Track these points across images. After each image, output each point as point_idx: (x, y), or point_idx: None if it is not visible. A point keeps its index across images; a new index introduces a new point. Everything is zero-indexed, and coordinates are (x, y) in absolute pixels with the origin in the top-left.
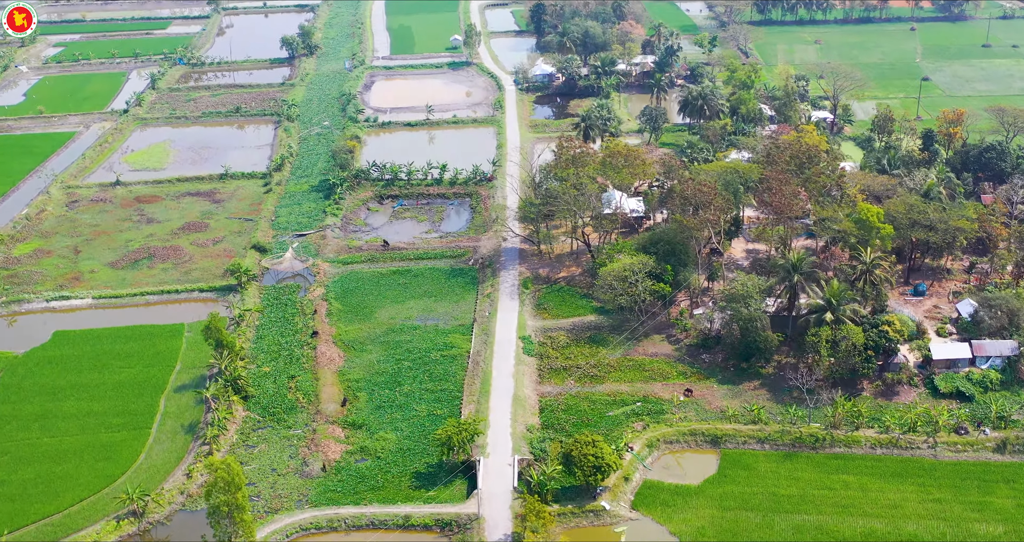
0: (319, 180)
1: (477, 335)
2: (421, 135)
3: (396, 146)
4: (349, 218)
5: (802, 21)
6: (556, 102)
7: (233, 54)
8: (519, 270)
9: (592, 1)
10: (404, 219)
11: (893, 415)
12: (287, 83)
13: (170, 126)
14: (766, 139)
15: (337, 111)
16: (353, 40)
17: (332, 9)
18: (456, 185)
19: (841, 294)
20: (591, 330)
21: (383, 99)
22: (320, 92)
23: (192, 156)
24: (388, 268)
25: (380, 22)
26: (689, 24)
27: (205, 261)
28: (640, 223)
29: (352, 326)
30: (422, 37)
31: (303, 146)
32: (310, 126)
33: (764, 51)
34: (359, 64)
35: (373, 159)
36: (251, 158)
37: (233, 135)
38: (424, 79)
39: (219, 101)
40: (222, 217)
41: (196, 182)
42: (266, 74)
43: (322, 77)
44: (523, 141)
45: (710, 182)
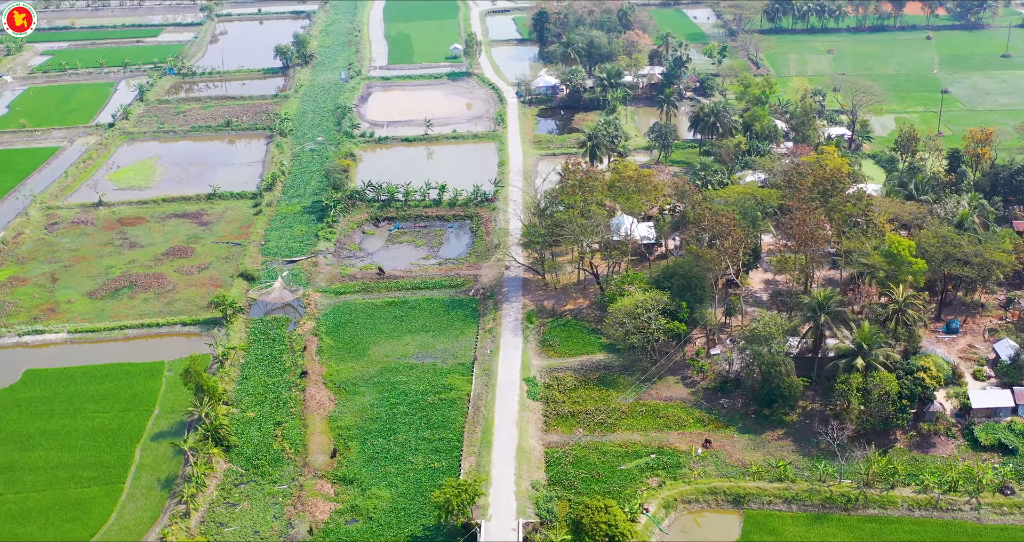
0: (312, 200)
1: (478, 376)
2: (419, 151)
3: (393, 163)
4: (343, 242)
5: (813, 29)
6: (560, 115)
7: (226, 63)
8: (522, 302)
9: (596, 9)
10: (401, 243)
11: (932, 472)
12: (280, 95)
13: (158, 141)
14: (783, 159)
15: (332, 125)
16: (350, 48)
17: (329, 16)
18: (456, 206)
19: (872, 338)
20: (600, 370)
21: (380, 112)
22: (315, 104)
23: (179, 173)
24: (383, 299)
25: (378, 30)
26: (697, 32)
27: (189, 290)
28: (651, 251)
29: (344, 365)
30: (421, 46)
31: (296, 163)
32: (303, 141)
33: (775, 61)
34: (355, 74)
35: (369, 179)
36: (241, 176)
37: (223, 151)
38: (423, 90)
39: (209, 114)
40: (209, 241)
41: (183, 203)
42: (259, 85)
43: (317, 88)
44: (526, 158)
45: (727, 211)
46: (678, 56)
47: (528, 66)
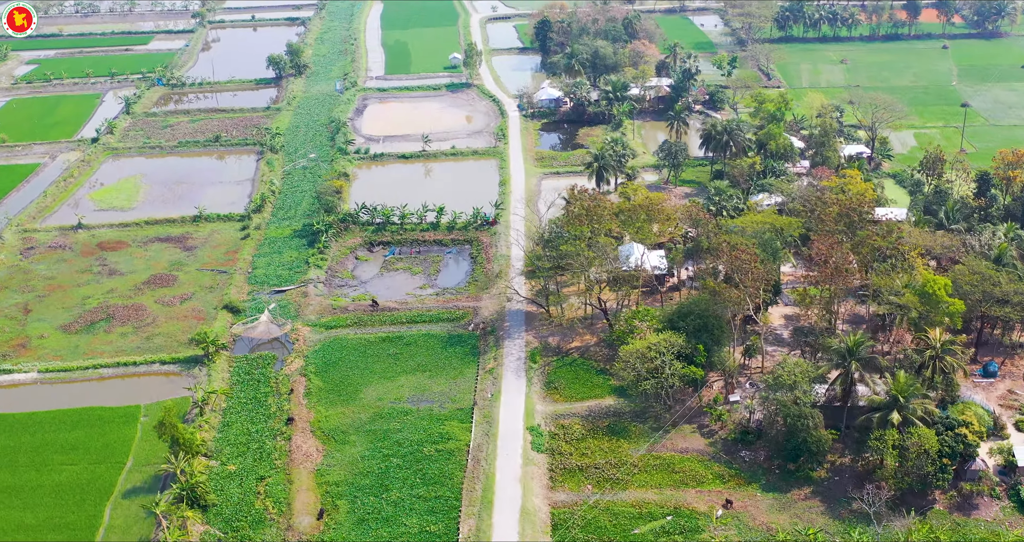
0: (302, 224)
1: (478, 423)
2: (416, 168)
3: (389, 180)
4: (335, 270)
5: (825, 38)
6: (564, 129)
7: (217, 73)
8: (525, 338)
9: (601, 18)
10: (396, 271)
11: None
12: (272, 107)
13: (143, 156)
14: (800, 180)
15: (325, 140)
16: (345, 57)
17: (324, 23)
18: (454, 230)
19: (909, 389)
20: (610, 416)
21: (376, 125)
22: (308, 118)
23: (164, 193)
24: (377, 334)
25: (375, 37)
26: (704, 41)
27: (170, 324)
28: (662, 282)
29: (334, 410)
30: (419, 55)
31: (287, 182)
32: (295, 158)
33: (787, 71)
34: (351, 85)
35: (363, 200)
36: (229, 195)
37: (211, 168)
38: (421, 102)
39: (198, 128)
40: (192, 268)
41: (166, 225)
42: (251, 96)
43: (310, 100)
44: (528, 176)
45: (747, 245)
46: (687, 68)
47: (530, 76)
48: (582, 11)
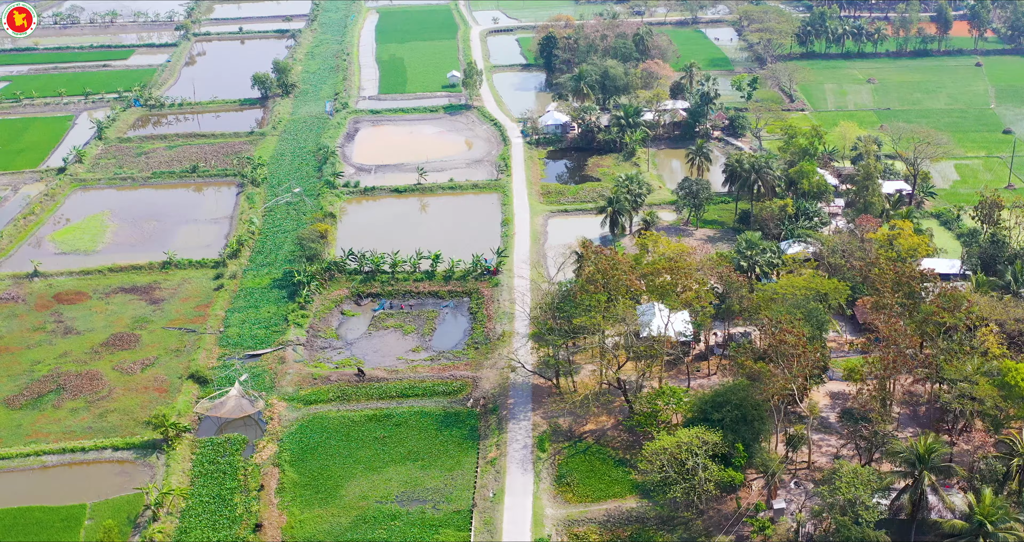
0: (283, 271)
1: (478, 531)
2: (411, 204)
3: (380, 218)
4: (317, 328)
5: (849, 54)
6: (571, 158)
7: (200, 92)
8: (532, 420)
9: (610, 33)
10: (386, 329)
11: None
12: (256, 132)
13: (114, 188)
14: (838, 224)
15: (312, 170)
16: (337, 75)
17: (316, 35)
18: (452, 281)
19: (997, 512)
20: (632, 523)
21: (368, 153)
22: (294, 144)
23: (133, 234)
24: (363, 411)
25: (369, 52)
26: (720, 57)
27: (128, 397)
28: (688, 349)
29: (310, 511)
30: (416, 71)
31: (268, 220)
32: (279, 192)
33: (810, 93)
34: (342, 107)
35: (350, 246)
36: (204, 236)
37: (186, 203)
38: (417, 126)
39: (175, 155)
40: (158, 326)
41: (132, 273)
42: (234, 118)
43: (298, 123)
44: (533, 215)
45: (791, 321)
46: (704, 91)
47: (534, 96)
48: (589, 26)
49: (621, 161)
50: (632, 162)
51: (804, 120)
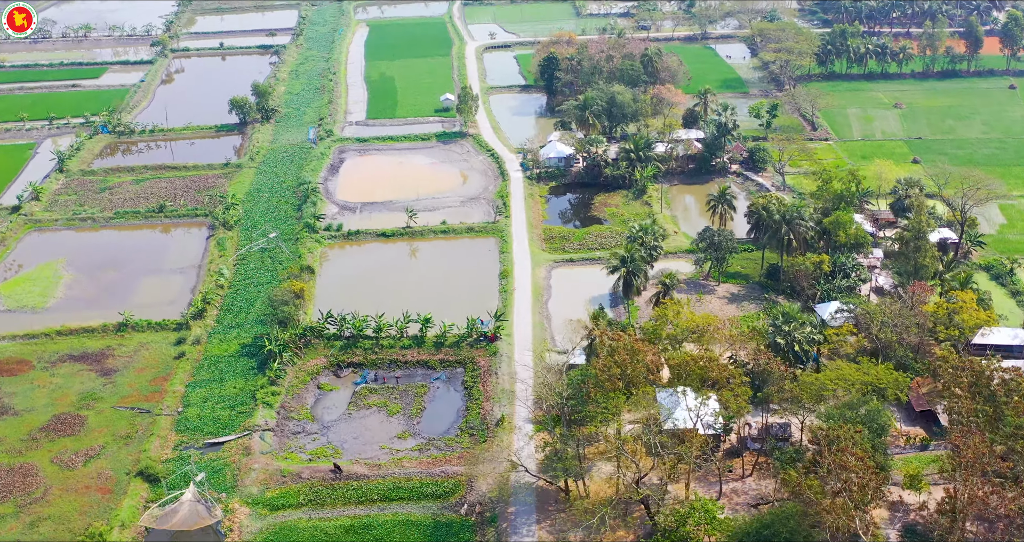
0: (253, 335)
1: None
2: (399, 250)
3: (365, 268)
4: (290, 406)
5: (872, 75)
6: (576, 194)
7: (174, 117)
8: (537, 534)
9: (616, 54)
10: (368, 408)
11: None
12: (232, 164)
13: (72, 230)
14: (887, 290)
15: (291, 209)
16: (322, 96)
17: (301, 52)
18: (444, 348)
19: None
20: None
21: (353, 188)
22: (273, 177)
23: (88, 287)
24: (339, 519)
25: (357, 70)
26: (733, 77)
27: (66, 499)
28: (718, 443)
29: None
30: (407, 92)
31: (240, 270)
32: (253, 236)
33: (833, 119)
34: (326, 135)
35: (329, 308)
36: (168, 290)
37: (151, 248)
38: (407, 156)
39: (143, 191)
40: (108, 404)
41: (84, 336)
42: (210, 147)
43: (278, 153)
44: (535, 265)
45: (854, 441)
46: (722, 122)
47: (534, 122)
48: (593, 44)
49: (631, 199)
50: (643, 201)
51: (829, 151)
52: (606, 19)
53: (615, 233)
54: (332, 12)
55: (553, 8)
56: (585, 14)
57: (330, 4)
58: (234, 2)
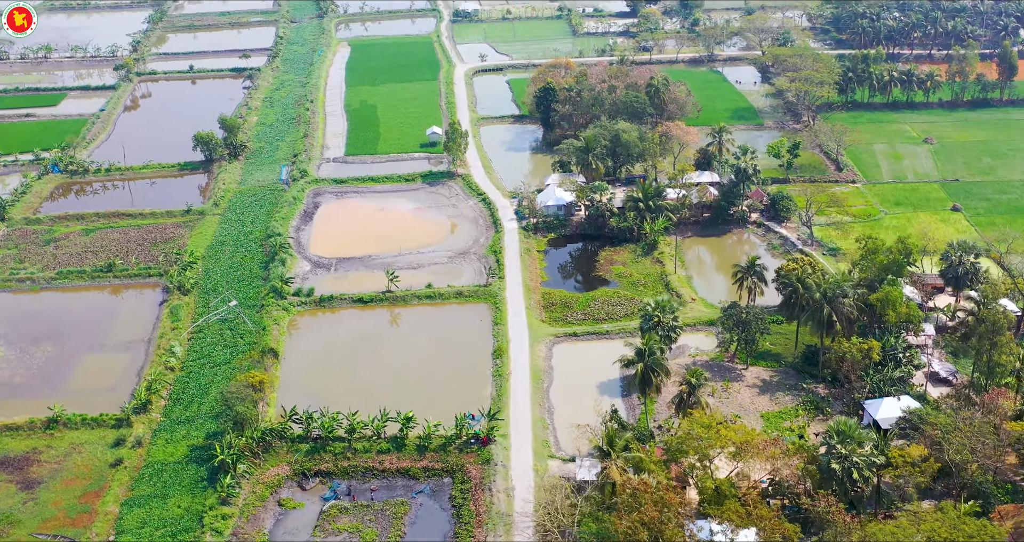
0: (205, 433)
1: None
2: (378, 320)
3: (338, 343)
4: (244, 532)
5: (897, 104)
6: (577, 248)
7: (136, 151)
8: None
9: (619, 83)
10: (338, 534)
11: None
12: (193, 211)
13: (9, 293)
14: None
15: (258, 267)
16: (297, 128)
17: (277, 76)
18: (428, 452)
19: None
20: None
21: (328, 240)
22: (239, 227)
23: (19, 368)
24: None
25: (337, 97)
26: (745, 107)
27: None
28: None
29: None
30: (390, 123)
31: (195, 347)
32: (212, 304)
33: (859, 157)
34: (300, 175)
35: (294, 404)
36: (110, 372)
37: (96, 317)
38: (389, 200)
39: (92, 243)
40: (26, 531)
41: (6, 435)
42: (172, 188)
43: (246, 197)
44: (534, 340)
45: None
46: (741, 168)
47: (529, 159)
48: (594, 73)
49: (640, 255)
50: (654, 257)
51: (857, 196)
52: (604, 38)
53: (623, 299)
54: (312, 30)
55: (548, 26)
56: (582, 33)
57: (310, 21)
58: (208, 19)
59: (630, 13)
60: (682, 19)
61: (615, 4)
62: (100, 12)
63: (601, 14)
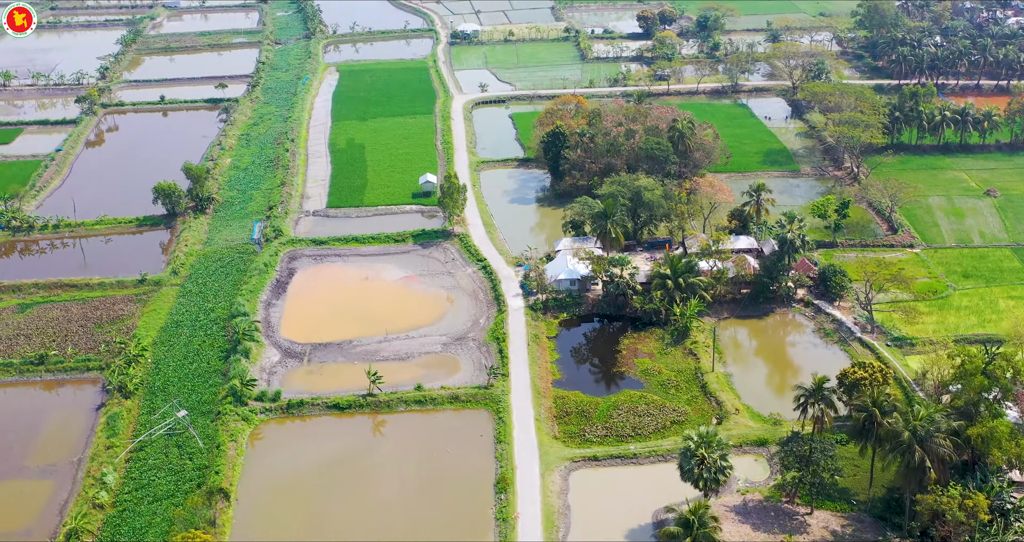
0: None
1: None
2: (357, 431)
3: (307, 466)
4: None
5: (948, 147)
6: (595, 333)
7: (91, 199)
8: None
9: (638, 126)
10: None
11: None
12: (148, 281)
13: None
14: None
15: (216, 359)
16: (275, 172)
17: (257, 108)
18: None
19: None
20: None
21: (302, 319)
22: (199, 303)
23: None
24: None
25: (321, 134)
26: (778, 148)
27: None
28: None
29: None
30: (379, 168)
31: (132, 473)
32: (158, 410)
33: (914, 214)
34: (274, 234)
35: None
36: (24, 508)
37: (17, 429)
38: (375, 266)
39: (26, 324)
40: None
41: None
42: (128, 246)
43: (210, 262)
44: (545, 467)
45: None
46: (787, 238)
47: (535, 213)
48: (609, 113)
49: (669, 344)
50: (685, 348)
51: (917, 264)
52: (616, 64)
53: (652, 406)
54: (298, 53)
55: (554, 49)
56: (591, 57)
57: (296, 42)
58: (187, 40)
59: (643, 35)
60: (700, 42)
61: (626, 24)
62: (72, 31)
63: (611, 36)
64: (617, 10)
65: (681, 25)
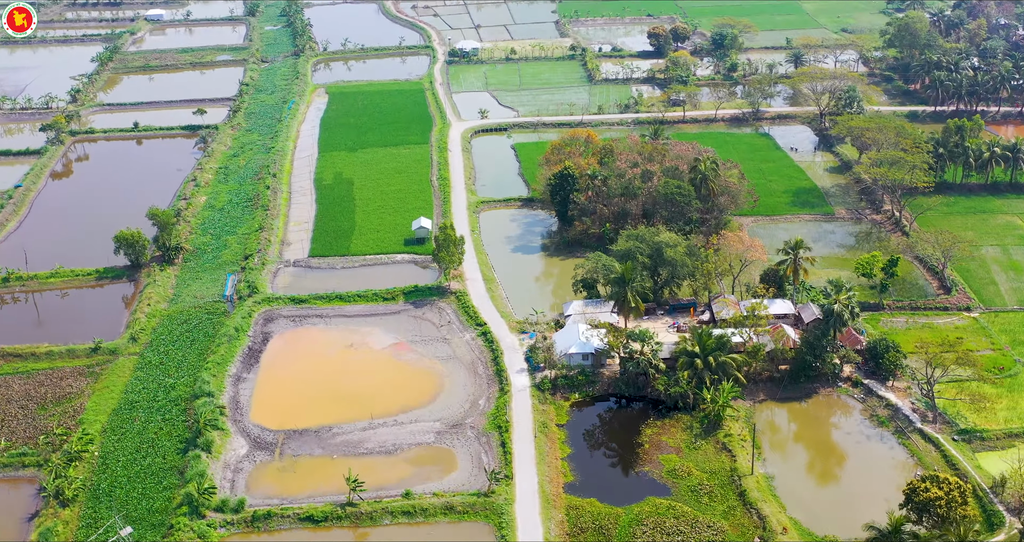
0: None
1: None
2: None
3: None
4: None
5: (997, 187)
6: (611, 417)
7: (50, 247)
8: None
9: (656, 170)
10: None
11: None
12: (103, 349)
13: None
14: None
15: (174, 451)
16: (254, 214)
17: (237, 136)
18: None
19: None
20: None
21: (275, 400)
22: (159, 378)
23: None
24: None
25: (306, 166)
26: (808, 187)
27: None
28: None
29: None
30: (368, 208)
31: None
32: (94, 536)
33: (967, 268)
34: (248, 291)
35: None
36: None
37: None
38: (361, 330)
39: None
40: None
41: None
42: (87, 302)
43: (175, 325)
44: None
45: None
46: (834, 310)
47: (542, 265)
48: (623, 152)
49: (698, 436)
50: (718, 441)
51: (976, 331)
52: (626, 87)
53: (682, 521)
54: (285, 73)
55: (559, 68)
56: (599, 79)
57: (284, 60)
58: (168, 57)
59: (654, 53)
60: (716, 62)
61: (635, 40)
62: (47, 47)
63: (620, 53)
64: (625, 24)
65: (695, 42)
